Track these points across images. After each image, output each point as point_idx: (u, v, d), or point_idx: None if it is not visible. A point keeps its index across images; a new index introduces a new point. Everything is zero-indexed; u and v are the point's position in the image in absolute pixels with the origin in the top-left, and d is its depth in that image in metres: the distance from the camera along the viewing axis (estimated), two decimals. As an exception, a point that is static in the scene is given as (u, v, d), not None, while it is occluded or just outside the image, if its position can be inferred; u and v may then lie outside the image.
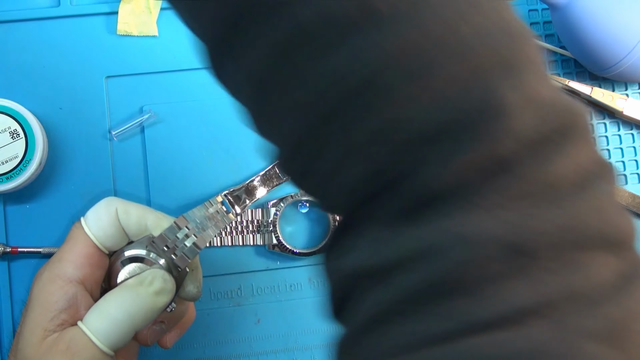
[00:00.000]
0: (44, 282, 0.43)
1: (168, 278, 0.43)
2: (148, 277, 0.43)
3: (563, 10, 0.53)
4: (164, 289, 0.43)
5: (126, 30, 0.55)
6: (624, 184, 0.58)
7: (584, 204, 0.24)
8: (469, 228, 0.23)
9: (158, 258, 0.44)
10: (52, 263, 0.44)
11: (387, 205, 0.25)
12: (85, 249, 0.44)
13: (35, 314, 0.42)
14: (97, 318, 0.41)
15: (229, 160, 0.55)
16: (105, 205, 0.45)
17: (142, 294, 0.42)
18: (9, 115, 0.51)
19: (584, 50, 0.53)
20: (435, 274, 0.23)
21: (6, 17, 0.55)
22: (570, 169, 0.24)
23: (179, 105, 0.55)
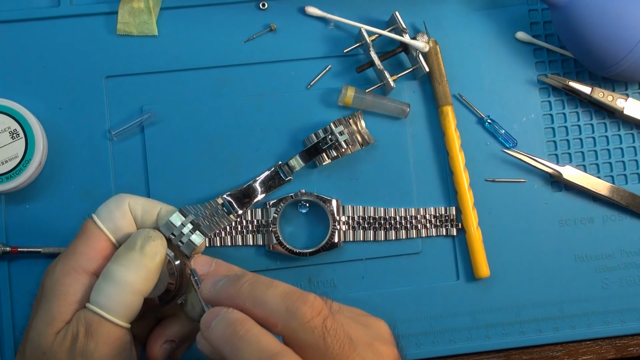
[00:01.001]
0: (58, 275, 0.43)
1: (154, 234, 0.44)
2: (135, 241, 0.44)
3: (563, 10, 0.53)
4: (157, 251, 0.44)
5: (126, 30, 0.55)
6: (624, 184, 0.58)
7: None
8: None
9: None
10: (65, 256, 0.44)
11: None
12: (98, 242, 0.45)
13: (51, 305, 0.42)
14: (102, 295, 0.42)
15: (229, 160, 0.55)
16: (115, 200, 0.47)
17: (135, 259, 0.43)
18: (9, 115, 0.51)
19: (584, 50, 0.53)
20: None
21: (6, 17, 0.55)
22: None
23: (178, 105, 0.55)
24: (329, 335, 0.36)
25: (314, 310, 0.36)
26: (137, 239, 0.44)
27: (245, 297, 0.37)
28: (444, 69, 0.56)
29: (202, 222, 0.48)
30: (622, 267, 0.57)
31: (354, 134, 0.55)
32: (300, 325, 0.35)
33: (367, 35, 0.54)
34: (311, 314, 0.36)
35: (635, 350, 0.57)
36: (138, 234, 0.44)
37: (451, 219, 0.56)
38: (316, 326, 0.35)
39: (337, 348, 0.36)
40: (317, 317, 0.36)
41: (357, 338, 0.38)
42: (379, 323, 0.42)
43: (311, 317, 0.36)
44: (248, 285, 0.38)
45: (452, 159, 0.56)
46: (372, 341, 0.40)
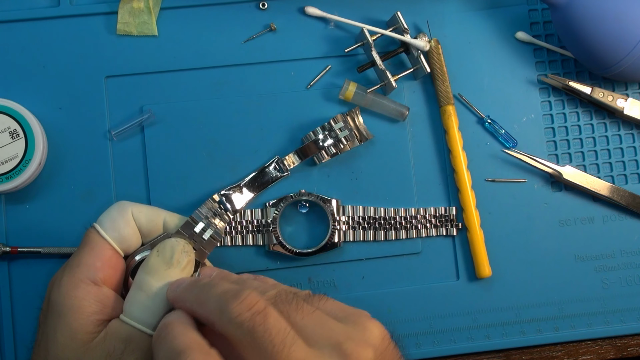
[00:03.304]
0: (67, 287, 0.43)
1: (189, 248, 0.44)
2: (173, 256, 0.43)
3: (563, 10, 0.53)
4: (188, 261, 0.44)
5: (126, 30, 0.55)
6: (624, 184, 0.58)
7: None
8: None
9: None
10: (70, 268, 0.44)
11: None
12: (103, 251, 0.45)
13: (70, 319, 0.42)
14: (138, 309, 0.42)
15: (228, 160, 0.55)
16: (118, 208, 0.46)
17: (173, 275, 0.43)
18: (8, 115, 0.51)
19: (584, 50, 0.53)
20: None
21: (6, 17, 0.55)
22: None
23: (178, 105, 0.55)
24: (258, 330, 0.35)
25: (244, 305, 0.36)
26: (172, 252, 0.44)
27: (192, 300, 0.39)
28: (445, 68, 0.56)
29: (212, 224, 0.48)
30: (622, 267, 0.57)
31: (352, 130, 0.55)
32: (228, 321, 0.36)
33: (369, 35, 0.54)
34: (239, 309, 0.36)
35: (635, 350, 0.57)
36: (172, 246, 0.44)
37: (451, 219, 0.56)
38: (243, 321, 0.36)
39: (268, 343, 0.35)
40: (246, 312, 0.36)
41: (323, 335, 0.36)
42: (369, 324, 0.39)
43: (239, 312, 0.36)
44: (197, 288, 0.39)
45: (454, 158, 0.56)
46: (345, 340, 0.37)
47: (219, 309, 0.37)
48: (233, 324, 0.36)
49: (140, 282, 0.43)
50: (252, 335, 0.35)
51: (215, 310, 0.37)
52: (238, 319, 0.36)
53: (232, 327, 0.36)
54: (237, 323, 0.36)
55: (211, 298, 0.38)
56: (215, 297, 0.38)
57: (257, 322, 0.36)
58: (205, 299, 0.38)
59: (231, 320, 0.36)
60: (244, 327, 0.36)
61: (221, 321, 0.37)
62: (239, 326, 0.36)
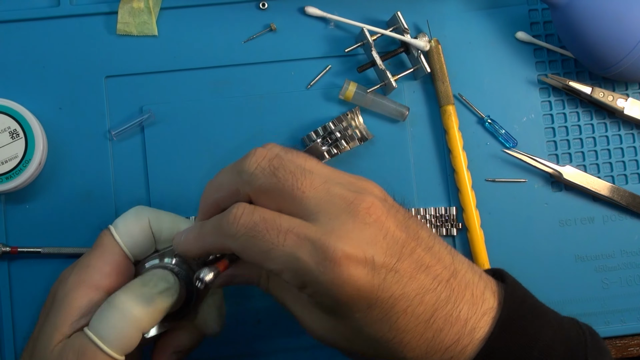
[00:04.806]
0: (69, 286, 0.42)
1: (172, 279, 0.43)
2: (152, 279, 0.42)
3: (563, 10, 0.53)
4: (168, 288, 0.42)
5: (126, 30, 0.55)
6: (624, 184, 0.58)
7: None
8: None
9: (178, 268, 0.44)
10: (79, 268, 0.44)
11: None
12: (113, 256, 0.44)
13: (56, 317, 0.42)
14: (103, 323, 0.40)
15: (229, 160, 0.55)
16: (134, 213, 0.45)
17: (146, 295, 0.41)
18: (8, 115, 0.51)
19: (584, 50, 0.53)
20: None
21: (6, 17, 0.55)
22: None
23: (178, 105, 0.55)
24: (279, 171, 0.37)
25: (258, 157, 0.38)
26: (153, 276, 0.42)
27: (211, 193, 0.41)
28: (446, 68, 0.56)
29: None
30: (622, 267, 0.57)
31: (352, 130, 0.55)
32: (250, 175, 0.38)
33: (369, 35, 0.54)
34: (255, 161, 0.38)
35: (635, 350, 0.57)
36: (155, 273, 0.43)
37: (451, 219, 0.56)
38: (264, 168, 0.38)
39: (289, 178, 0.37)
40: (262, 161, 0.38)
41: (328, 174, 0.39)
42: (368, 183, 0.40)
43: (256, 163, 0.38)
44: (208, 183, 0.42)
45: (454, 158, 0.56)
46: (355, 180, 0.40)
47: (237, 174, 0.39)
48: (255, 176, 0.38)
49: (114, 299, 0.41)
50: (276, 177, 0.37)
51: (235, 177, 0.39)
52: (257, 169, 0.38)
53: (255, 179, 0.38)
54: (259, 172, 0.38)
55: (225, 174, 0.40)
56: (229, 171, 0.40)
57: (275, 165, 0.38)
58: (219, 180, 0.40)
59: (252, 174, 0.38)
60: (265, 172, 0.38)
61: (243, 179, 0.38)
62: (261, 175, 0.38)
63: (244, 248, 0.37)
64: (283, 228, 0.36)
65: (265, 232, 0.36)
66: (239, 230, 0.37)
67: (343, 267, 0.35)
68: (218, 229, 0.38)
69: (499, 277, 0.42)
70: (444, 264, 0.39)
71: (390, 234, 0.37)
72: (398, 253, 0.37)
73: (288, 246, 0.36)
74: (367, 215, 0.37)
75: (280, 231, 0.36)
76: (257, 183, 0.38)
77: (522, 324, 0.38)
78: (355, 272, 0.35)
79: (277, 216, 0.37)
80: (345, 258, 0.35)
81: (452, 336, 0.37)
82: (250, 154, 0.39)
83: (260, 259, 0.36)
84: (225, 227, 0.38)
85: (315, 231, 0.36)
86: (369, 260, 0.36)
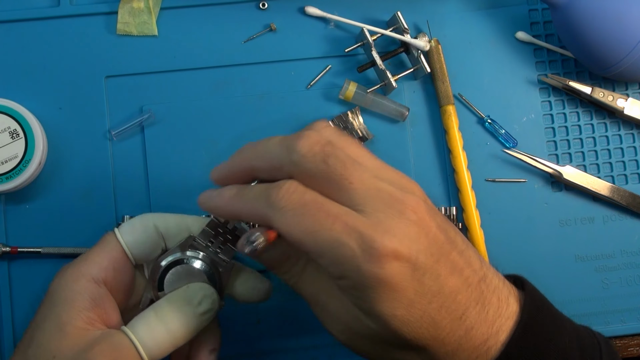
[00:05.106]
0: (67, 279, 0.43)
1: (216, 298, 0.44)
2: (197, 296, 0.43)
3: (563, 10, 0.53)
4: (211, 309, 0.44)
5: (126, 30, 0.55)
6: (624, 184, 0.58)
7: None
8: None
9: (194, 259, 0.45)
10: (77, 262, 0.44)
11: None
12: (112, 252, 0.44)
13: (60, 310, 0.42)
14: (145, 330, 0.42)
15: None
16: (140, 217, 0.46)
17: (190, 314, 0.43)
18: (8, 115, 0.51)
19: (584, 50, 0.53)
20: None
21: (6, 17, 0.55)
22: None
23: (178, 105, 0.55)
24: (330, 158, 0.37)
25: (312, 140, 0.38)
26: (203, 300, 0.43)
27: (251, 156, 0.40)
28: (446, 68, 0.56)
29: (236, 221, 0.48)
30: (622, 267, 0.57)
31: (352, 130, 0.55)
32: (300, 157, 0.38)
33: (369, 35, 0.54)
34: (309, 144, 0.38)
35: (635, 350, 0.57)
36: (201, 287, 0.44)
37: (451, 219, 0.56)
38: (316, 153, 0.37)
39: (340, 168, 0.37)
40: (315, 146, 0.38)
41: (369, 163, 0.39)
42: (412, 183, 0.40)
43: (309, 147, 0.38)
44: (250, 146, 0.41)
45: (454, 158, 0.56)
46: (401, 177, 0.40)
47: (286, 151, 0.38)
48: (306, 158, 0.37)
49: (158, 305, 0.43)
50: (326, 164, 0.37)
51: (283, 154, 0.38)
52: (310, 152, 0.37)
53: (304, 162, 0.37)
54: (310, 156, 0.37)
55: (273, 147, 0.39)
56: (277, 144, 0.39)
57: (327, 152, 0.37)
58: (267, 150, 0.40)
59: (303, 156, 0.37)
60: (317, 157, 0.37)
61: (292, 159, 0.38)
62: (312, 159, 0.37)
63: (290, 224, 0.37)
64: (332, 212, 0.36)
65: (315, 212, 0.36)
66: (288, 204, 0.37)
67: (388, 262, 0.35)
68: (265, 198, 0.38)
69: (519, 284, 0.42)
70: (474, 268, 0.39)
71: (432, 234, 0.37)
72: (437, 254, 0.37)
73: (336, 231, 0.36)
74: (413, 213, 0.37)
75: (329, 215, 0.36)
76: (306, 167, 0.37)
77: (540, 330, 0.39)
78: (399, 268, 0.36)
79: (327, 201, 0.37)
80: (392, 253, 0.35)
81: (481, 335, 0.38)
82: (303, 135, 0.38)
83: (305, 238, 0.36)
84: (274, 198, 0.37)
85: (364, 222, 0.36)
86: (413, 258, 0.36)
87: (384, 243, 0.35)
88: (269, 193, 0.38)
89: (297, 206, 0.37)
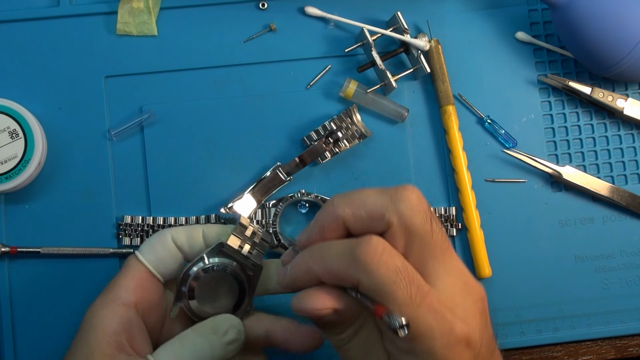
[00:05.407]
0: (97, 307, 0.43)
1: (242, 329, 0.44)
2: (223, 326, 0.43)
3: (563, 10, 0.53)
4: (237, 339, 0.44)
5: (125, 30, 0.55)
6: (624, 184, 0.58)
7: None
8: None
9: (223, 265, 0.45)
10: (105, 290, 0.44)
11: None
12: (137, 274, 0.45)
13: (90, 337, 0.42)
14: (168, 355, 0.42)
15: (229, 160, 0.55)
16: (156, 234, 0.47)
17: (216, 344, 0.43)
18: (8, 115, 0.51)
19: (584, 50, 0.53)
20: None
21: (6, 17, 0.55)
22: None
23: (178, 105, 0.55)
24: (434, 220, 0.37)
25: (418, 195, 0.37)
26: (229, 330, 0.44)
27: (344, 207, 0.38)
28: (445, 68, 0.56)
29: (259, 228, 0.49)
30: (622, 267, 0.57)
31: (350, 128, 0.54)
32: (408, 209, 0.37)
33: (369, 35, 0.54)
34: (416, 198, 0.37)
35: (635, 351, 0.57)
36: (227, 318, 0.44)
37: (451, 219, 0.56)
38: (424, 210, 0.37)
39: (441, 235, 0.37)
40: (422, 203, 0.37)
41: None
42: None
43: (417, 201, 0.37)
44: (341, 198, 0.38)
45: (454, 158, 0.56)
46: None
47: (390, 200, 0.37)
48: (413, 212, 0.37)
49: (185, 334, 0.43)
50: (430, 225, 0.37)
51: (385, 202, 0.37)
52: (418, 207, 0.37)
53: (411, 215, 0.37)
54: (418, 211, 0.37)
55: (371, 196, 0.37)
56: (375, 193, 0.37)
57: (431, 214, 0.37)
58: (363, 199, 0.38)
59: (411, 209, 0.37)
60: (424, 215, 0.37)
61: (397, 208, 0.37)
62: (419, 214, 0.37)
63: (381, 291, 0.35)
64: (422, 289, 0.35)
65: (406, 285, 0.35)
66: (379, 267, 0.35)
67: (460, 348, 0.36)
68: (352, 257, 0.35)
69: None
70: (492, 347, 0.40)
71: (489, 328, 0.39)
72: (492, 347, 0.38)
73: (422, 309, 0.35)
74: (480, 301, 0.38)
75: (420, 290, 0.35)
76: (412, 220, 0.36)
77: None
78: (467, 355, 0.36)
79: (414, 271, 0.36)
80: (465, 339, 0.36)
81: None
82: (407, 187, 0.37)
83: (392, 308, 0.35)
84: (362, 258, 0.35)
85: (442, 303, 0.36)
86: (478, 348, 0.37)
87: (462, 330, 0.36)
88: (356, 251, 0.35)
89: (389, 272, 0.35)
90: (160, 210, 0.54)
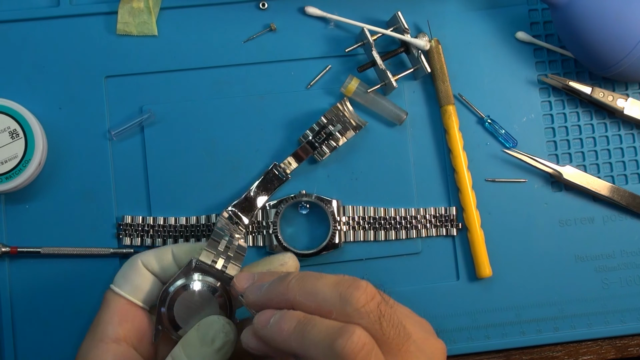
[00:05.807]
0: (87, 349, 0.42)
1: (229, 329, 0.43)
2: (209, 334, 0.42)
3: (563, 10, 0.53)
4: (227, 341, 0.42)
5: (126, 30, 0.55)
6: (624, 184, 0.58)
7: None
8: None
9: (199, 281, 0.44)
10: (91, 329, 0.44)
11: None
12: (119, 306, 0.44)
13: None
14: None
15: (229, 160, 0.55)
16: (127, 263, 0.45)
17: (207, 354, 0.42)
18: (8, 115, 0.51)
19: (584, 50, 0.53)
20: None
21: (6, 17, 0.55)
22: None
23: (178, 105, 0.55)
24: (384, 319, 0.36)
25: (368, 295, 0.36)
26: (210, 328, 0.42)
27: (296, 291, 0.38)
28: (446, 68, 0.56)
29: (232, 239, 0.47)
30: (622, 267, 0.57)
31: (345, 121, 0.54)
32: (355, 310, 0.36)
33: (370, 35, 0.54)
34: (365, 299, 0.36)
35: (635, 351, 0.57)
36: (211, 322, 0.43)
37: (451, 219, 0.56)
38: (371, 310, 0.36)
39: (392, 333, 0.36)
40: (371, 301, 0.36)
41: (412, 330, 0.38)
42: (425, 321, 0.42)
43: (365, 301, 0.36)
44: (296, 280, 0.38)
45: (455, 158, 0.56)
46: (427, 335, 0.40)
47: (339, 298, 0.36)
48: (359, 313, 0.36)
49: (175, 354, 0.42)
50: (380, 325, 0.36)
51: (334, 300, 0.36)
52: (365, 308, 0.36)
53: (357, 316, 0.36)
54: (364, 312, 0.36)
55: (325, 288, 0.37)
56: (331, 287, 0.37)
57: (382, 311, 0.36)
58: (316, 290, 0.37)
59: (357, 310, 0.36)
60: (371, 316, 0.36)
61: (344, 310, 0.36)
62: (366, 315, 0.36)
63: None
64: None
65: None
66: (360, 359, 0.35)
67: None
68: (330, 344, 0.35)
69: None
70: None
71: None
72: None
73: None
74: None
75: None
76: (358, 322, 0.36)
77: None
78: None
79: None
80: None
81: None
82: (359, 286, 0.37)
83: None
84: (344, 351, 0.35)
85: None
86: None
87: None
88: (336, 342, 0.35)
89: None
90: (160, 210, 0.54)
